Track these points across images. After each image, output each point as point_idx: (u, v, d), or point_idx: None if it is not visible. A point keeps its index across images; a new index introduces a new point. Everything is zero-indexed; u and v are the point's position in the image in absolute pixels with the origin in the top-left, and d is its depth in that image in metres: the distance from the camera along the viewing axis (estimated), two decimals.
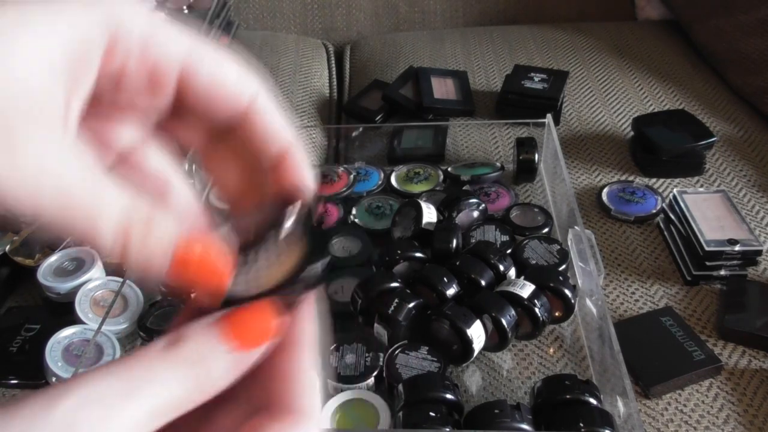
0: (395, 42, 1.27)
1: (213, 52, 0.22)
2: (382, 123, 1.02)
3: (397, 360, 0.59)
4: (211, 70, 0.22)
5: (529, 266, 0.68)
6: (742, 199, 0.83)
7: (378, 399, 0.57)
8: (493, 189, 0.83)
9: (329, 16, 1.40)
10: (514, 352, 0.64)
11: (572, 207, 0.69)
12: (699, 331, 0.65)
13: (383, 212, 0.81)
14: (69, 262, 0.70)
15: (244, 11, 1.39)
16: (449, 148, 0.94)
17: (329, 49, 1.33)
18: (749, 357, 0.63)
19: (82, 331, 0.65)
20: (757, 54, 1.03)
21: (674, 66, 1.13)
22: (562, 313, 0.65)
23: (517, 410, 0.52)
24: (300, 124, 1.06)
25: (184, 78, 0.21)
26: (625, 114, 1.00)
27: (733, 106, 1.02)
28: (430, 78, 1.06)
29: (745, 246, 0.68)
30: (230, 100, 0.22)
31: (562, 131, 0.97)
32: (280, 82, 1.14)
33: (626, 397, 0.51)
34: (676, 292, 0.70)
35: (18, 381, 0.63)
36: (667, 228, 0.76)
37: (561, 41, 1.22)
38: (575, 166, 0.90)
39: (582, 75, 1.11)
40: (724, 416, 0.58)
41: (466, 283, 0.64)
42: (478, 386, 0.61)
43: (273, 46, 1.25)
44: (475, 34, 1.27)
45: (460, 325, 0.58)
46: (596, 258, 0.66)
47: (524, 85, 0.99)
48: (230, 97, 0.22)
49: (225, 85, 0.22)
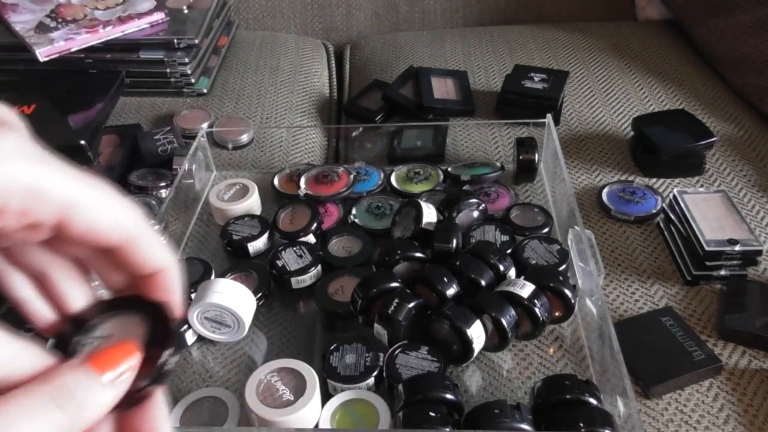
0: (395, 42, 1.27)
1: (94, 197, 0.25)
2: (382, 123, 1.02)
3: (397, 360, 0.59)
4: (87, 218, 0.25)
5: (529, 266, 0.68)
6: (742, 199, 0.83)
7: (378, 399, 0.57)
8: (493, 189, 0.83)
9: (329, 16, 1.40)
10: (514, 352, 0.64)
11: (572, 207, 0.69)
12: (699, 331, 0.65)
13: (383, 212, 0.81)
14: None
15: (244, 11, 1.39)
16: (449, 148, 0.95)
17: (329, 49, 1.33)
18: (749, 357, 0.63)
19: None
20: (757, 54, 1.03)
21: (674, 66, 1.13)
22: (562, 313, 0.65)
23: (517, 410, 0.52)
24: (300, 124, 1.06)
25: (63, 223, 0.25)
26: (625, 114, 1.00)
27: (733, 106, 1.02)
28: (430, 78, 1.06)
29: (745, 246, 0.68)
30: (104, 240, 0.26)
31: (562, 131, 0.97)
32: (280, 82, 1.14)
33: (626, 397, 0.51)
34: (676, 292, 0.70)
35: None
36: (667, 228, 0.76)
37: (561, 41, 1.22)
38: (575, 166, 0.90)
39: (582, 75, 1.11)
40: (724, 416, 0.58)
41: (466, 283, 0.64)
42: (478, 386, 0.61)
43: (273, 46, 1.25)
44: (475, 34, 1.27)
45: (460, 325, 0.58)
46: (596, 258, 0.66)
47: (524, 85, 1.00)
48: (104, 237, 0.26)
49: (99, 230, 0.26)
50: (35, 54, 1.00)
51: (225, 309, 0.63)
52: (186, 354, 0.66)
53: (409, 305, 0.61)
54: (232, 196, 0.82)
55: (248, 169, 0.94)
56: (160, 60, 1.05)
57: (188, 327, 0.65)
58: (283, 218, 0.78)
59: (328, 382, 0.59)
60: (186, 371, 0.64)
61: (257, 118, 1.04)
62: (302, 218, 0.77)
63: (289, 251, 0.72)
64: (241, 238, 0.75)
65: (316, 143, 1.03)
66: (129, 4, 1.09)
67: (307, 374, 0.56)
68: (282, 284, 0.71)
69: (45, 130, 0.89)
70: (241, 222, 0.78)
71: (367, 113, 1.03)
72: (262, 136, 1.00)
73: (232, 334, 0.66)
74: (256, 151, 0.97)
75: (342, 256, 0.74)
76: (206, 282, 0.66)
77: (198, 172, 0.86)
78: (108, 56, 1.05)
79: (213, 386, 0.62)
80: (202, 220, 0.83)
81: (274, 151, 0.97)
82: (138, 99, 1.07)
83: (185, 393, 0.60)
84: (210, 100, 1.08)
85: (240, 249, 0.75)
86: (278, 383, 0.55)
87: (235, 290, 0.65)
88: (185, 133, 0.98)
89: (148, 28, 1.07)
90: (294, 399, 0.54)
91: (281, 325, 0.70)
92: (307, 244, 0.73)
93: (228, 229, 0.77)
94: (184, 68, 1.06)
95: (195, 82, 1.08)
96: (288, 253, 0.72)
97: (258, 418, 0.54)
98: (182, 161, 0.82)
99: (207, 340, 0.67)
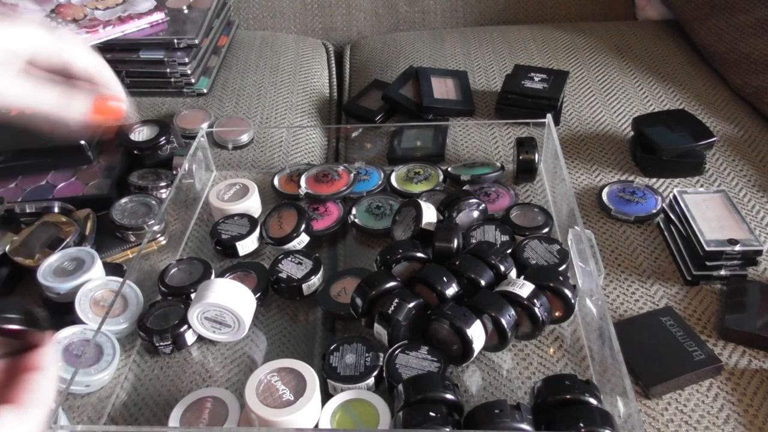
0: (395, 42, 1.27)
1: (80, 49, 0.47)
2: (382, 123, 1.02)
3: (397, 360, 0.59)
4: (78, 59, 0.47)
5: (529, 266, 0.68)
6: (742, 199, 0.83)
7: (378, 399, 0.57)
8: (493, 189, 0.83)
9: (329, 16, 1.40)
10: (514, 352, 0.64)
11: (572, 207, 0.69)
12: (699, 331, 0.65)
13: (383, 212, 0.81)
14: (69, 262, 0.70)
15: (244, 11, 1.39)
16: (449, 148, 0.95)
17: (329, 49, 1.33)
18: (749, 357, 0.63)
19: (82, 331, 0.65)
20: (757, 54, 1.03)
21: (674, 66, 1.13)
22: (562, 313, 0.65)
23: (517, 410, 0.52)
24: (300, 124, 1.06)
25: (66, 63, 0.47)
26: (625, 114, 1.00)
27: (733, 106, 1.02)
28: (430, 78, 1.06)
29: (745, 246, 0.68)
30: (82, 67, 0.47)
31: (562, 131, 0.97)
32: (280, 82, 1.14)
33: (626, 397, 0.51)
34: (676, 292, 0.70)
35: None
36: (667, 228, 0.76)
37: (561, 41, 1.22)
38: (575, 166, 0.90)
39: (582, 75, 1.11)
40: (724, 416, 0.58)
41: (466, 283, 0.64)
42: (478, 386, 0.61)
43: (273, 46, 1.25)
44: (475, 34, 1.27)
45: (460, 325, 0.58)
46: (596, 258, 0.66)
47: (524, 85, 1.00)
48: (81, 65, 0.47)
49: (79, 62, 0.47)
50: None
51: (225, 309, 0.63)
52: (186, 354, 0.66)
53: (409, 305, 0.61)
54: (232, 196, 0.82)
55: (248, 169, 0.94)
56: (160, 60, 1.05)
57: (188, 327, 0.65)
58: (271, 225, 0.78)
59: (328, 382, 0.59)
60: (186, 371, 0.64)
61: (257, 118, 1.04)
62: (290, 220, 0.77)
63: (285, 262, 0.72)
64: (230, 237, 0.75)
65: (316, 143, 1.03)
66: (129, 4, 1.09)
67: (307, 374, 0.56)
68: (293, 294, 0.71)
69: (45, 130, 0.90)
70: (231, 221, 0.78)
71: (367, 113, 1.03)
72: (262, 136, 1.00)
73: (232, 334, 0.66)
74: (256, 151, 0.97)
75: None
76: (206, 282, 0.66)
77: (198, 172, 0.86)
78: (108, 56, 1.04)
79: (213, 386, 0.62)
80: (202, 220, 0.83)
81: (274, 151, 0.97)
82: (138, 99, 1.07)
83: (185, 393, 0.60)
84: (210, 100, 1.08)
85: (229, 248, 0.75)
86: (278, 383, 0.55)
87: (235, 290, 0.65)
88: (185, 133, 0.98)
89: (148, 28, 1.07)
90: (294, 399, 0.54)
91: (281, 325, 0.70)
92: (299, 251, 0.74)
93: (217, 228, 0.77)
94: (184, 68, 1.06)
95: (195, 82, 1.08)
96: (286, 264, 0.72)
97: (258, 418, 0.54)
98: (182, 161, 0.82)
99: (207, 340, 0.67)
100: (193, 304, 0.64)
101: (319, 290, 0.71)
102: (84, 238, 0.75)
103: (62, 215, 0.77)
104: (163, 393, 0.62)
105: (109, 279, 0.70)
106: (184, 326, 0.65)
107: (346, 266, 0.77)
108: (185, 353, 0.66)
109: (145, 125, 0.92)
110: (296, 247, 0.76)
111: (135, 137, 0.90)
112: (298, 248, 0.76)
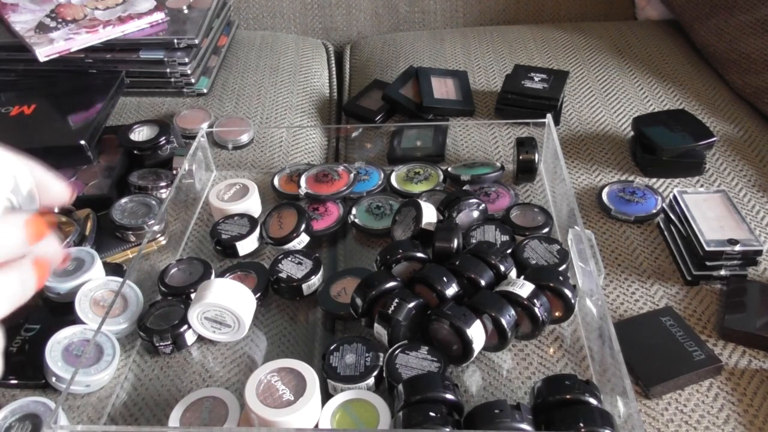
0: (395, 42, 1.27)
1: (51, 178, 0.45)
2: (382, 123, 1.02)
3: (397, 360, 0.59)
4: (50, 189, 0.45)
5: (529, 266, 0.68)
6: (742, 199, 0.83)
7: (378, 399, 0.57)
8: (493, 189, 0.83)
9: (329, 16, 1.40)
10: (514, 352, 0.64)
11: (572, 207, 0.69)
12: (699, 331, 0.65)
13: (383, 212, 0.81)
14: (69, 262, 0.70)
15: (244, 11, 1.39)
16: (449, 148, 0.95)
17: (329, 49, 1.33)
18: (749, 357, 0.63)
19: (82, 331, 0.65)
20: (757, 54, 1.03)
21: (674, 66, 1.13)
22: (562, 313, 0.65)
23: (517, 410, 0.52)
24: (300, 124, 1.06)
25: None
26: (625, 114, 1.00)
27: (733, 106, 1.02)
28: (430, 78, 1.06)
29: (745, 246, 0.68)
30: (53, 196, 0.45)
31: (562, 131, 0.97)
32: (280, 82, 1.14)
33: (626, 397, 0.51)
34: (676, 292, 0.70)
35: (18, 381, 0.63)
36: (667, 228, 0.76)
37: (561, 41, 1.22)
38: (575, 166, 0.90)
39: (582, 75, 1.11)
40: (724, 416, 0.58)
41: (466, 283, 0.64)
42: (478, 386, 0.61)
43: (273, 46, 1.25)
44: (475, 34, 1.27)
45: (460, 325, 0.58)
46: (596, 258, 0.66)
47: (524, 85, 1.00)
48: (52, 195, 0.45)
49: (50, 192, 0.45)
50: (35, 54, 1.00)
51: (225, 309, 0.63)
52: (186, 354, 0.66)
53: (409, 305, 0.61)
54: (232, 196, 0.82)
55: (248, 169, 0.94)
56: (160, 60, 1.05)
57: (188, 327, 0.65)
58: (271, 225, 0.78)
59: (328, 382, 0.59)
60: (186, 371, 0.64)
61: (257, 118, 1.04)
62: (290, 220, 0.77)
63: (285, 262, 0.72)
64: (230, 237, 0.75)
65: (316, 143, 1.03)
66: (129, 4, 1.10)
67: (307, 374, 0.56)
68: (293, 294, 0.71)
69: (45, 130, 0.90)
70: (230, 221, 0.78)
71: (367, 113, 1.03)
72: (262, 136, 1.00)
73: (232, 334, 0.66)
74: (256, 151, 0.97)
75: None
76: (206, 282, 0.66)
77: (198, 172, 0.86)
78: (108, 56, 1.05)
79: (213, 386, 0.62)
80: (202, 220, 0.83)
81: (274, 151, 0.97)
82: (138, 99, 1.07)
83: (185, 393, 0.60)
84: (210, 100, 1.08)
85: (229, 248, 0.75)
86: (278, 383, 0.55)
87: (235, 290, 0.65)
88: (185, 133, 0.98)
89: (148, 28, 1.07)
90: (294, 399, 0.54)
91: (281, 325, 0.70)
92: (299, 251, 0.74)
93: (217, 228, 0.77)
94: (184, 68, 1.06)
95: (195, 82, 1.08)
96: (286, 264, 0.72)
97: (258, 418, 0.54)
98: (182, 161, 0.82)
99: (207, 340, 0.67)
100: (193, 304, 0.64)
101: (319, 290, 0.71)
102: (84, 238, 0.75)
103: (62, 215, 0.77)
104: (163, 393, 0.62)
105: (109, 279, 0.70)
106: (184, 326, 0.65)
107: (346, 266, 0.77)
108: (185, 353, 0.66)
109: (145, 125, 0.92)
110: (296, 247, 0.76)
111: (135, 137, 0.90)
112: (298, 248, 0.76)
